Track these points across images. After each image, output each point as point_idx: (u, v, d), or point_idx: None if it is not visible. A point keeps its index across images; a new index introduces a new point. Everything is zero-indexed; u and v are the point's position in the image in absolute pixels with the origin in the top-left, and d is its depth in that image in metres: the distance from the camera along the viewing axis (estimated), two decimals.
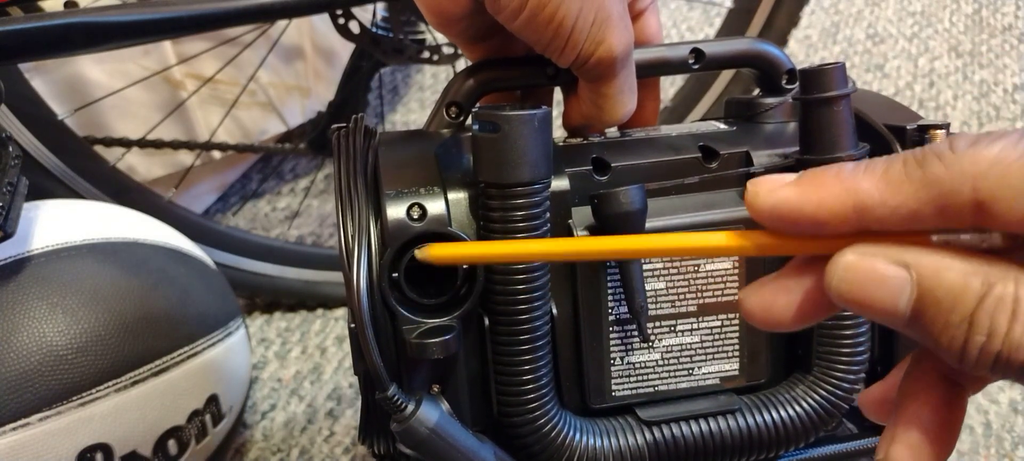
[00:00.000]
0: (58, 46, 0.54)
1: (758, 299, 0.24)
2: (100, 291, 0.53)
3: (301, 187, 1.06)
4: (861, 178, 0.22)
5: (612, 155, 0.38)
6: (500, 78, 0.40)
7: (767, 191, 0.23)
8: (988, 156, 0.20)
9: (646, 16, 0.42)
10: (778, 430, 0.37)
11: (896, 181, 0.21)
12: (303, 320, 0.87)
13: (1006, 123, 1.08)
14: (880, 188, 0.21)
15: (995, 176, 0.19)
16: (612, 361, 0.38)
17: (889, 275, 0.21)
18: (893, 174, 0.21)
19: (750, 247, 0.24)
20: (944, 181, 0.20)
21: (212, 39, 0.86)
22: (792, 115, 0.42)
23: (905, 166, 0.21)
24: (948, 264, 0.21)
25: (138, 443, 0.52)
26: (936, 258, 0.21)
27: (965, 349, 0.20)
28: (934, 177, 0.20)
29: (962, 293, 0.20)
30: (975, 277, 0.20)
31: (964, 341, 0.20)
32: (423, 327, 0.34)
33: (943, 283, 0.20)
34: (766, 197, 0.23)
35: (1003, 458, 0.69)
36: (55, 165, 0.70)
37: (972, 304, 0.20)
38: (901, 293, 0.21)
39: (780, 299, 0.24)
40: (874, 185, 0.21)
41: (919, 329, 0.21)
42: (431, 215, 0.34)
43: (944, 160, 0.20)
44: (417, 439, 0.33)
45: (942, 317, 0.20)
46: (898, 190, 0.21)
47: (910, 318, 0.21)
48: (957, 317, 0.20)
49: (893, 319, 0.21)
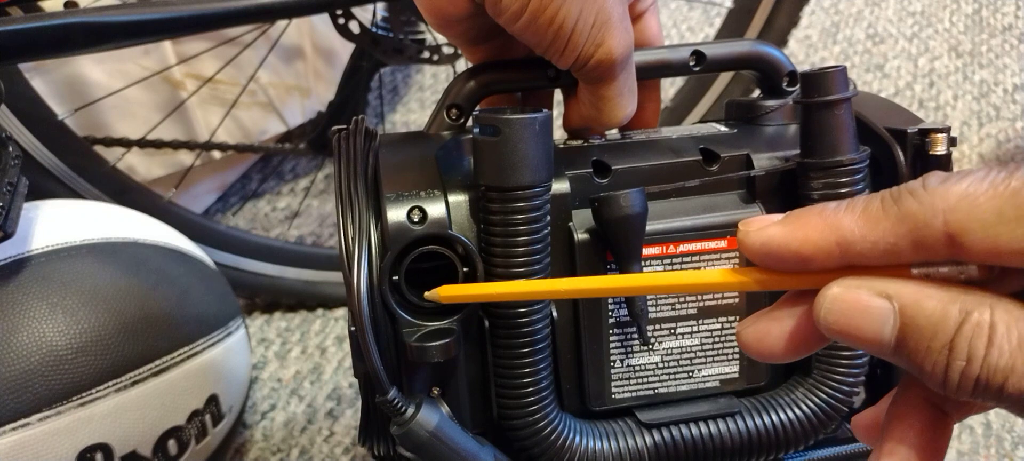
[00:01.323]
0: (58, 46, 0.54)
1: (752, 331, 0.25)
2: (100, 291, 0.53)
3: (301, 187, 1.06)
4: (842, 215, 0.23)
5: (613, 158, 0.38)
6: (501, 80, 0.40)
7: (756, 230, 0.24)
8: (957, 191, 0.21)
9: (646, 18, 0.42)
10: (778, 433, 0.37)
11: (875, 217, 0.22)
12: (303, 320, 0.87)
13: (1006, 123, 1.08)
14: (860, 224, 0.23)
15: (964, 209, 0.21)
16: (612, 364, 0.38)
17: (873, 306, 0.22)
18: (872, 211, 0.23)
19: (745, 283, 0.25)
20: (917, 216, 0.22)
21: (212, 39, 0.86)
22: (793, 117, 0.42)
23: (882, 203, 0.23)
24: (928, 294, 0.22)
25: (138, 443, 0.53)
26: (916, 289, 0.22)
27: (947, 374, 0.21)
28: (908, 212, 0.22)
29: (942, 321, 0.21)
30: (953, 305, 0.21)
31: (945, 367, 0.21)
32: (423, 330, 0.34)
33: (923, 311, 0.22)
34: (755, 235, 0.24)
35: (1003, 458, 0.69)
36: (55, 165, 0.70)
37: (951, 331, 0.21)
38: (885, 323, 0.22)
39: (773, 331, 0.25)
40: (854, 221, 0.23)
41: (903, 357, 0.22)
42: (431, 218, 0.34)
43: (917, 196, 0.22)
44: (417, 442, 0.33)
45: (924, 344, 0.22)
46: (876, 225, 0.22)
47: (895, 347, 0.22)
48: (938, 344, 0.21)
49: (879, 348, 0.23)
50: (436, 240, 0.34)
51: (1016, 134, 1.07)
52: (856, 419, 0.30)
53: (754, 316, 0.26)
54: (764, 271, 0.25)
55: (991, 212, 0.20)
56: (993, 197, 0.20)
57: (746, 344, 0.26)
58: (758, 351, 0.25)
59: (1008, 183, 0.20)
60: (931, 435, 0.25)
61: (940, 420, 0.25)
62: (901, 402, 0.26)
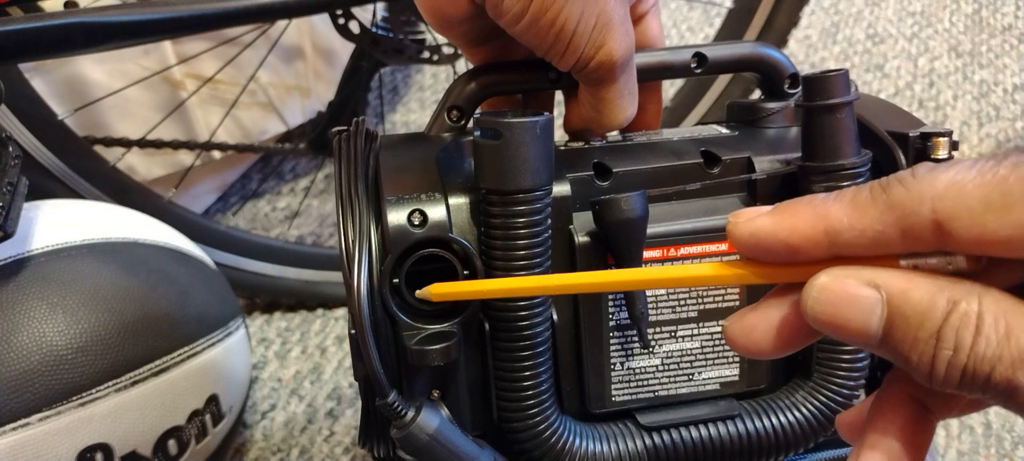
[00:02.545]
0: (58, 46, 0.54)
1: (739, 326, 0.25)
2: (100, 291, 0.53)
3: (301, 187, 1.06)
4: (831, 205, 0.23)
5: (613, 160, 0.38)
6: (502, 82, 0.40)
7: (745, 221, 0.24)
8: (945, 179, 0.21)
9: (647, 19, 0.42)
10: (778, 435, 0.37)
11: (862, 205, 0.22)
12: (303, 320, 0.87)
13: (1006, 123, 1.08)
14: (848, 212, 0.23)
15: (951, 197, 0.21)
16: (612, 366, 0.38)
17: (861, 295, 0.22)
18: (860, 199, 0.23)
19: (734, 276, 0.25)
20: (905, 203, 0.21)
21: (212, 39, 0.86)
22: (794, 120, 0.42)
23: (871, 192, 0.22)
24: (915, 283, 0.22)
25: (138, 443, 0.53)
26: (904, 278, 0.22)
27: (933, 364, 0.21)
28: (896, 200, 0.22)
29: (929, 310, 0.21)
30: (941, 295, 0.21)
31: (932, 356, 0.21)
32: (424, 333, 0.34)
33: (911, 301, 0.21)
34: (744, 226, 0.24)
35: (1003, 458, 0.69)
36: (55, 165, 0.70)
37: (939, 320, 0.21)
38: (872, 312, 0.22)
39: (760, 325, 0.25)
40: (843, 210, 0.23)
41: (890, 347, 0.22)
42: (432, 221, 0.34)
43: (905, 184, 0.22)
44: (417, 445, 0.33)
45: (911, 333, 0.21)
46: (864, 213, 0.22)
47: (882, 337, 0.22)
48: (925, 332, 0.21)
49: (866, 339, 0.22)
50: (436, 243, 0.34)
51: (1016, 134, 1.07)
52: (839, 418, 0.30)
53: (741, 312, 0.25)
54: (753, 264, 0.25)
55: (978, 199, 0.20)
56: (980, 185, 0.20)
57: (733, 339, 0.25)
58: (745, 346, 0.25)
59: (996, 171, 0.20)
60: (913, 431, 0.25)
61: (923, 417, 0.25)
62: (884, 398, 0.26)
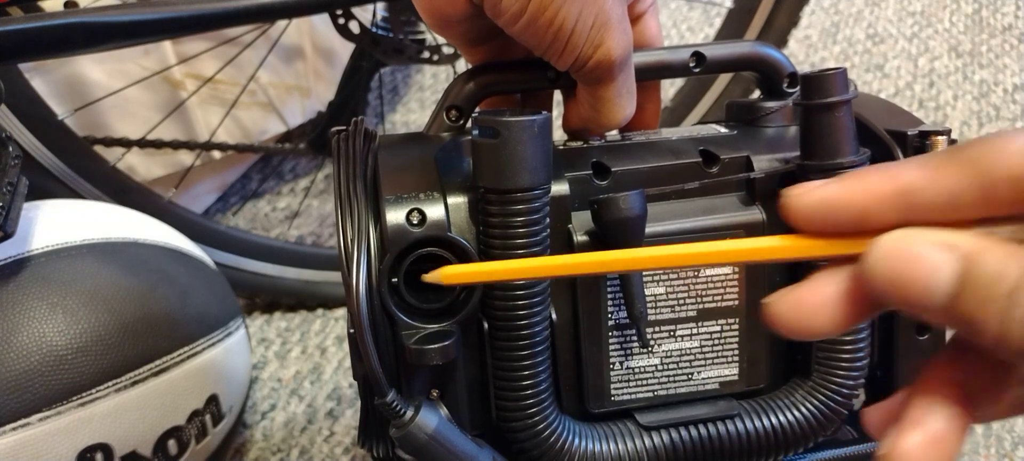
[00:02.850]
0: (58, 46, 0.54)
1: (788, 303, 0.24)
2: (100, 291, 0.53)
3: (301, 187, 1.06)
4: (903, 166, 0.23)
5: (612, 159, 0.38)
6: (500, 81, 0.40)
7: (808, 191, 0.24)
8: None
9: (646, 19, 0.42)
10: (777, 435, 0.37)
11: (939, 164, 0.22)
12: (303, 320, 0.87)
13: (1006, 123, 1.08)
14: (924, 172, 0.22)
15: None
16: (611, 366, 0.38)
17: (931, 256, 0.22)
18: (935, 160, 0.22)
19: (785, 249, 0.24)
20: (985, 159, 0.21)
21: (212, 39, 0.86)
22: (793, 119, 0.42)
23: (946, 153, 0.22)
24: (990, 245, 0.21)
25: (138, 443, 0.53)
26: (978, 241, 0.21)
27: (1005, 323, 0.21)
28: (976, 155, 0.22)
29: (1004, 270, 0.21)
30: (1015, 257, 0.21)
31: (1006, 316, 0.21)
32: (422, 332, 0.34)
33: (986, 260, 0.21)
34: (810, 195, 0.24)
35: (1003, 458, 0.69)
36: (55, 165, 0.70)
37: (1013, 280, 0.21)
38: (940, 271, 0.21)
39: (811, 300, 0.24)
40: (917, 171, 0.23)
41: (957, 310, 0.21)
42: (430, 220, 0.34)
43: (983, 142, 0.22)
44: (416, 445, 0.33)
45: (983, 292, 0.21)
46: (940, 172, 0.22)
47: (949, 300, 0.21)
48: (999, 291, 0.21)
49: (928, 302, 0.22)
50: (435, 242, 0.34)
51: None
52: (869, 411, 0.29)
53: (785, 290, 0.24)
54: (807, 237, 0.24)
55: None
56: None
57: (780, 316, 0.24)
58: (795, 324, 0.24)
59: None
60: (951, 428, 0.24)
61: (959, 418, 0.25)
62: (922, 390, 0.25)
